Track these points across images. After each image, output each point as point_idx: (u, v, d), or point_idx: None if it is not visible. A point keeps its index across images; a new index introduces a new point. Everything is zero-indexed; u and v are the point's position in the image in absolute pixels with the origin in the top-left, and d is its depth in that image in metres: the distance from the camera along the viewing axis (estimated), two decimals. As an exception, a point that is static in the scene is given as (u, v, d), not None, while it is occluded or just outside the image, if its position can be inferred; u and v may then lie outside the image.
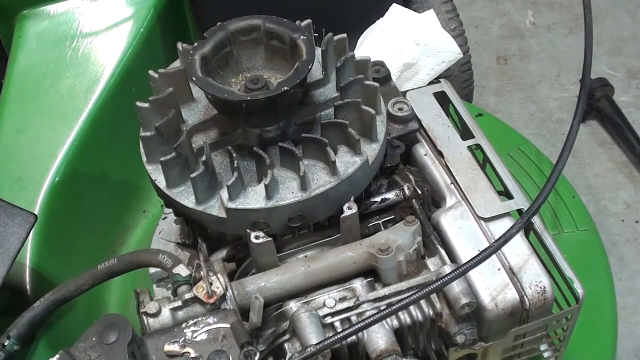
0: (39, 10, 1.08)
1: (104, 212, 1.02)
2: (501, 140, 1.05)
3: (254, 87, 0.69)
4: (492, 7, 2.00)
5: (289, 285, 0.68)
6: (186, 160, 0.68)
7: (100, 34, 1.06)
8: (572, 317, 0.70)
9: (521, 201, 0.72)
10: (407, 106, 0.77)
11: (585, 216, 1.05)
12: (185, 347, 0.60)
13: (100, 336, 0.60)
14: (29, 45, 1.06)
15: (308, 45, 0.68)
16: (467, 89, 1.29)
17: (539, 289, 0.67)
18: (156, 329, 0.64)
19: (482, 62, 1.83)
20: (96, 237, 1.00)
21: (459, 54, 1.12)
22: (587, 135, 1.69)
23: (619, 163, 1.65)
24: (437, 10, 1.19)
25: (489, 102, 1.78)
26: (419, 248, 0.70)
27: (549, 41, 1.91)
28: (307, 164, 0.69)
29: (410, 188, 0.74)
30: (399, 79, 1.08)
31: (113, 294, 0.98)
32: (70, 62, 1.04)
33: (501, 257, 0.68)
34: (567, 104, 1.76)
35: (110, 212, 1.03)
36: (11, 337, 0.70)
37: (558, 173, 0.68)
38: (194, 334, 0.61)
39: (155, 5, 1.09)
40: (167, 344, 0.60)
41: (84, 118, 0.99)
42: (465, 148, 0.77)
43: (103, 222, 1.01)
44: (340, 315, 0.67)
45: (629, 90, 1.78)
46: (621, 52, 1.85)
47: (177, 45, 0.71)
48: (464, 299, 0.64)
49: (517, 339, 0.69)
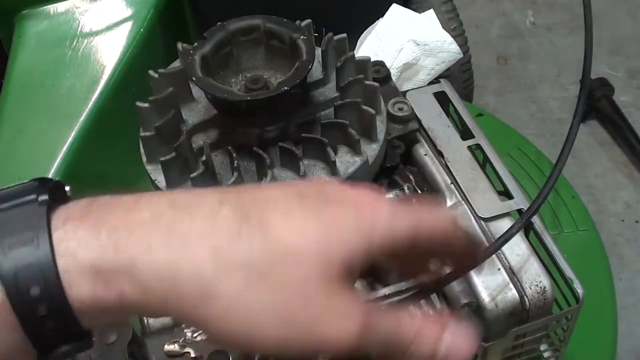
0: (39, 10, 1.08)
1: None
2: (501, 140, 1.05)
3: (254, 87, 0.69)
4: (492, 7, 2.00)
5: (289, 285, 0.68)
6: (186, 160, 0.67)
7: (100, 34, 1.06)
8: (572, 317, 0.70)
9: (521, 201, 0.72)
10: (407, 106, 0.77)
11: (585, 216, 1.05)
12: (185, 347, 0.60)
13: (100, 336, 0.60)
14: (29, 45, 1.06)
15: (308, 45, 0.68)
16: (467, 89, 1.29)
17: (539, 289, 0.66)
18: (156, 329, 0.64)
19: (482, 62, 1.83)
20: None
21: (459, 54, 1.12)
22: (587, 135, 1.70)
23: (619, 163, 1.66)
24: (437, 10, 1.19)
25: (489, 102, 1.78)
26: (419, 248, 0.70)
27: (549, 41, 1.91)
28: (307, 164, 0.69)
29: (410, 188, 0.74)
30: (399, 79, 1.08)
31: (113, 294, 0.98)
32: (70, 62, 1.04)
33: (501, 257, 0.68)
34: (567, 104, 1.76)
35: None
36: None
37: (558, 173, 0.68)
38: (194, 334, 0.61)
39: (155, 5, 1.09)
40: (167, 344, 0.60)
41: (84, 118, 0.99)
42: (465, 148, 0.77)
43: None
44: (340, 315, 0.67)
45: (629, 90, 1.78)
46: (621, 52, 1.85)
47: (177, 45, 0.71)
48: (464, 299, 0.64)
49: (517, 339, 0.69)
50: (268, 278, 0.38)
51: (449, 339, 0.42)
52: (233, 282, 0.38)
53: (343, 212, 0.41)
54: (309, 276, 0.39)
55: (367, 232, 0.41)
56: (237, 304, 0.38)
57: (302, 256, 0.39)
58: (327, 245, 0.40)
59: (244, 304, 0.38)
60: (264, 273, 0.38)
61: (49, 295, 0.37)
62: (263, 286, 0.38)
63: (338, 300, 0.40)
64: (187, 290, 0.38)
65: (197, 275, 0.38)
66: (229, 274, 0.38)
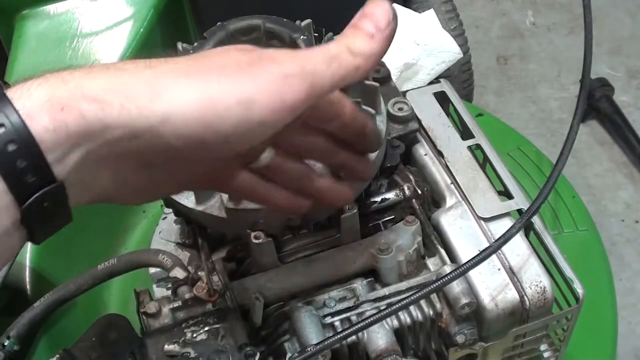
0: (39, 10, 1.08)
1: (104, 212, 1.02)
2: (501, 140, 1.05)
3: (254, 87, 0.69)
4: (492, 7, 2.00)
5: (289, 285, 0.68)
6: (186, 160, 0.67)
7: (100, 34, 1.06)
8: (572, 317, 0.70)
9: (521, 201, 0.72)
10: (407, 106, 0.77)
11: (585, 216, 1.05)
12: (185, 347, 0.60)
13: (100, 336, 0.60)
14: (29, 45, 1.06)
15: (308, 45, 0.68)
16: (467, 89, 1.29)
17: (539, 289, 0.67)
18: (156, 329, 0.64)
19: (482, 62, 1.83)
20: (96, 237, 1.00)
21: (459, 54, 1.12)
22: (587, 135, 1.69)
23: (619, 163, 1.65)
24: (437, 10, 1.19)
25: (489, 102, 1.78)
26: (419, 248, 0.70)
27: (549, 41, 1.91)
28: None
29: (410, 188, 0.74)
30: (399, 79, 1.08)
31: (113, 294, 0.98)
32: (70, 62, 1.04)
33: (501, 257, 0.68)
34: (567, 104, 1.76)
35: (110, 212, 1.03)
36: (11, 337, 0.71)
37: (558, 173, 0.68)
38: (194, 334, 0.61)
39: (155, 5, 1.09)
40: (167, 344, 0.60)
41: (84, 118, 0.99)
42: (465, 148, 0.77)
43: (103, 222, 1.01)
44: (340, 315, 0.67)
45: (629, 90, 1.78)
46: (621, 52, 1.85)
47: (177, 45, 0.71)
48: (464, 299, 0.64)
49: (517, 339, 0.69)
50: (201, 64, 0.45)
51: (365, 19, 0.50)
52: (174, 76, 0.44)
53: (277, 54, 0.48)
54: (233, 54, 0.47)
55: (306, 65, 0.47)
56: (186, 91, 0.44)
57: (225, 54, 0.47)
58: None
59: (192, 88, 0.44)
60: (197, 64, 0.45)
61: (15, 134, 0.40)
62: (201, 70, 0.45)
63: (269, 55, 0.48)
64: (137, 93, 0.42)
65: (140, 80, 0.43)
66: (168, 72, 0.44)
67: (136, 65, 0.45)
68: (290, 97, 0.45)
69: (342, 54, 0.48)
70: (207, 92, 0.44)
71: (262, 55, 0.47)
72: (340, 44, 0.48)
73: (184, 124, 0.43)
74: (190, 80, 0.44)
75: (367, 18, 0.49)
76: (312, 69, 0.47)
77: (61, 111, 0.40)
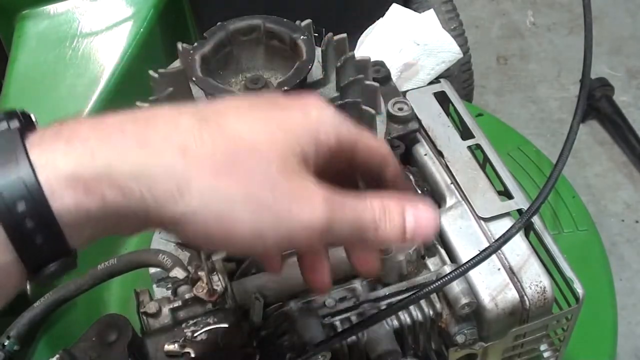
0: (39, 10, 1.08)
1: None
2: (501, 140, 1.05)
3: (254, 87, 0.69)
4: (492, 7, 2.00)
5: (289, 285, 0.68)
6: (186, 160, 0.67)
7: (100, 34, 1.06)
8: (572, 317, 0.70)
9: (521, 201, 0.72)
10: (407, 106, 0.77)
11: (585, 216, 1.05)
12: (185, 347, 0.60)
13: (100, 336, 0.60)
14: (29, 45, 1.06)
15: (308, 45, 0.68)
16: (467, 89, 1.29)
17: (539, 289, 0.67)
18: (156, 329, 0.64)
19: (482, 62, 1.83)
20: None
21: (459, 54, 1.12)
22: (587, 135, 1.70)
23: (619, 163, 1.66)
24: (437, 10, 1.19)
25: (489, 102, 1.78)
26: (419, 248, 0.70)
27: (549, 41, 1.91)
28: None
29: (411, 188, 0.74)
30: (399, 79, 1.08)
31: (113, 294, 0.98)
32: (70, 62, 1.04)
33: (501, 257, 0.68)
34: (567, 104, 1.76)
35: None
36: (11, 337, 0.71)
37: (558, 173, 0.68)
38: (194, 334, 0.61)
39: (155, 5, 1.09)
40: (167, 344, 0.60)
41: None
42: (465, 148, 0.77)
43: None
44: (340, 315, 0.67)
45: (629, 90, 1.78)
46: (621, 52, 1.86)
47: (177, 45, 0.71)
48: (464, 299, 0.64)
49: (517, 339, 0.69)
50: (234, 171, 0.41)
51: (413, 213, 0.47)
52: (203, 175, 0.41)
53: (291, 113, 0.45)
54: (270, 168, 0.42)
55: (313, 127, 0.45)
56: (210, 198, 0.41)
57: (261, 151, 0.42)
58: (279, 140, 0.43)
59: (216, 197, 0.41)
60: (229, 167, 0.41)
61: (34, 208, 0.38)
62: (231, 179, 0.41)
63: (301, 187, 0.43)
64: (162, 187, 0.40)
65: (170, 172, 0.40)
66: (198, 169, 0.41)
67: (170, 144, 0.41)
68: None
69: (369, 232, 0.46)
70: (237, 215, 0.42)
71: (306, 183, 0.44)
72: (377, 212, 0.46)
73: (204, 228, 0.41)
74: (219, 184, 0.41)
75: (415, 220, 0.47)
76: (336, 218, 0.45)
77: (84, 194, 0.39)
